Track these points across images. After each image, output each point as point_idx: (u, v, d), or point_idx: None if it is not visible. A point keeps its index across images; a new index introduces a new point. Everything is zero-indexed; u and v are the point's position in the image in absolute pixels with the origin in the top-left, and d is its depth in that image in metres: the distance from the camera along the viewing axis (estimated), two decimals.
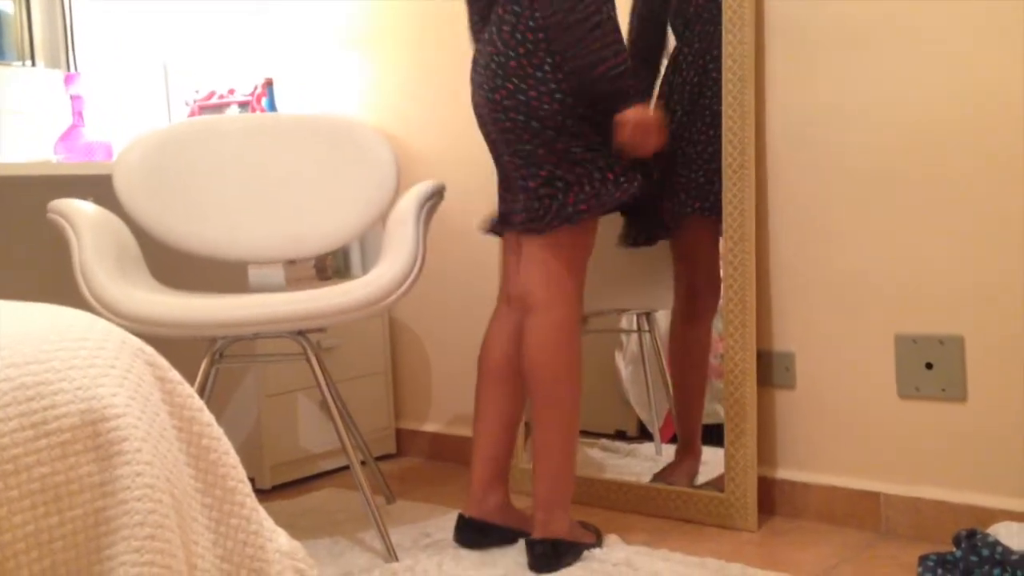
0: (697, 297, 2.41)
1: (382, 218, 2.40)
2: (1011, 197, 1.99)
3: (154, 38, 3.07)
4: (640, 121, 1.98)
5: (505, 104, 1.98)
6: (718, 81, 2.26)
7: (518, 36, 1.96)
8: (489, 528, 2.10)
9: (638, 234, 2.46)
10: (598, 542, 2.08)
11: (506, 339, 2.12)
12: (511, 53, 1.96)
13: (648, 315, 2.66)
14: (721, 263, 2.28)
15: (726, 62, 2.25)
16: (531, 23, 1.95)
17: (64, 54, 2.88)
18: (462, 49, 2.23)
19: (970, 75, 2.02)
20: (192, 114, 3.03)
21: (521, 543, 2.07)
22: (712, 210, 2.29)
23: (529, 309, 2.02)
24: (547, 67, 1.95)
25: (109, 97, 2.95)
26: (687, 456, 2.43)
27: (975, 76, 2.01)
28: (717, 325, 2.41)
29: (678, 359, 2.48)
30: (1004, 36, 1.97)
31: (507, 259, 2.18)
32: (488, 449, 2.11)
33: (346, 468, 2.86)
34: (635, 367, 2.69)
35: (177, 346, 2.45)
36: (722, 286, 2.26)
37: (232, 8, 3.13)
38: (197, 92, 3.05)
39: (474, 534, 2.09)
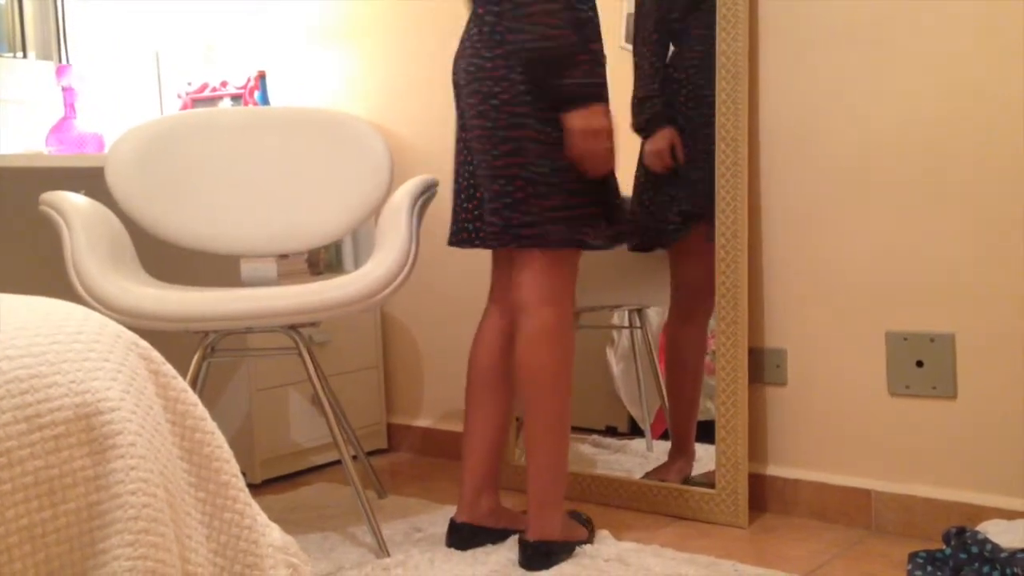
0: (694, 298, 2.40)
1: (375, 212, 2.40)
2: (1003, 196, 1.99)
3: (146, 30, 3.06)
4: (587, 128, 1.88)
5: (481, 109, 1.95)
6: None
7: (496, 37, 1.95)
8: (481, 531, 2.10)
9: (638, 242, 2.47)
10: (590, 537, 2.09)
11: (494, 345, 2.11)
12: (487, 55, 1.95)
13: (640, 311, 2.66)
14: (715, 259, 2.28)
15: (720, 59, 2.25)
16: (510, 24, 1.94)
17: (56, 45, 2.87)
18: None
19: (963, 74, 2.03)
20: (184, 106, 3.02)
21: (512, 539, 2.08)
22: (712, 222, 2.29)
23: (520, 309, 2.01)
24: (520, 70, 1.93)
25: (101, 89, 2.94)
26: (680, 456, 2.43)
27: (968, 75, 2.02)
28: (710, 323, 2.41)
29: (673, 360, 2.47)
30: (996, 35, 1.98)
31: (498, 263, 2.16)
32: (478, 455, 2.10)
33: (337, 463, 2.86)
34: (627, 363, 2.70)
35: (168, 340, 2.45)
36: (716, 283, 2.26)
37: (225, 0, 3.11)
38: (189, 84, 3.04)
39: (465, 538, 2.09)
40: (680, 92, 2.34)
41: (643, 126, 2.39)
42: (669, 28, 2.37)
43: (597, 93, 1.90)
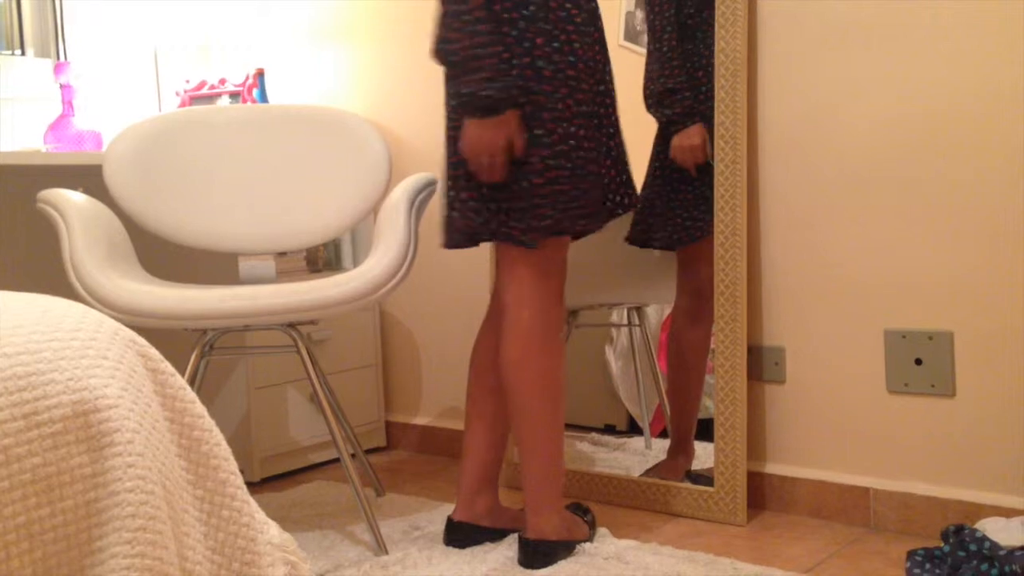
0: (703, 298, 2.40)
1: (374, 210, 2.40)
2: (1001, 194, 1.99)
3: (145, 27, 3.06)
4: (472, 140, 1.86)
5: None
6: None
7: None
8: (478, 530, 2.10)
9: (639, 239, 2.47)
10: (591, 535, 2.08)
11: (493, 344, 2.10)
12: None
13: (638, 309, 2.66)
14: (713, 257, 2.28)
15: (718, 56, 2.25)
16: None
17: (54, 43, 2.87)
18: None
19: (960, 73, 2.02)
20: (183, 104, 3.02)
21: (511, 538, 2.08)
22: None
23: (503, 311, 2.01)
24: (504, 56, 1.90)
25: (99, 86, 2.93)
26: (679, 454, 2.43)
27: (965, 74, 2.02)
28: None
29: (677, 361, 2.47)
30: (996, 34, 1.98)
31: (497, 266, 2.13)
32: (477, 453, 2.10)
33: (336, 461, 2.86)
34: (625, 361, 2.69)
35: (166, 338, 2.44)
36: (714, 281, 2.26)
37: None
38: (188, 82, 3.04)
39: (462, 536, 2.09)
40: (700, 90, 2.33)
41: (675, 119, 2.34)
42: (682, 22, 2.35)
43: (491, 104, 1.82)
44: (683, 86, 2.32)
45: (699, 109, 2.31)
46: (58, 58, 2.86)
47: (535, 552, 1.96)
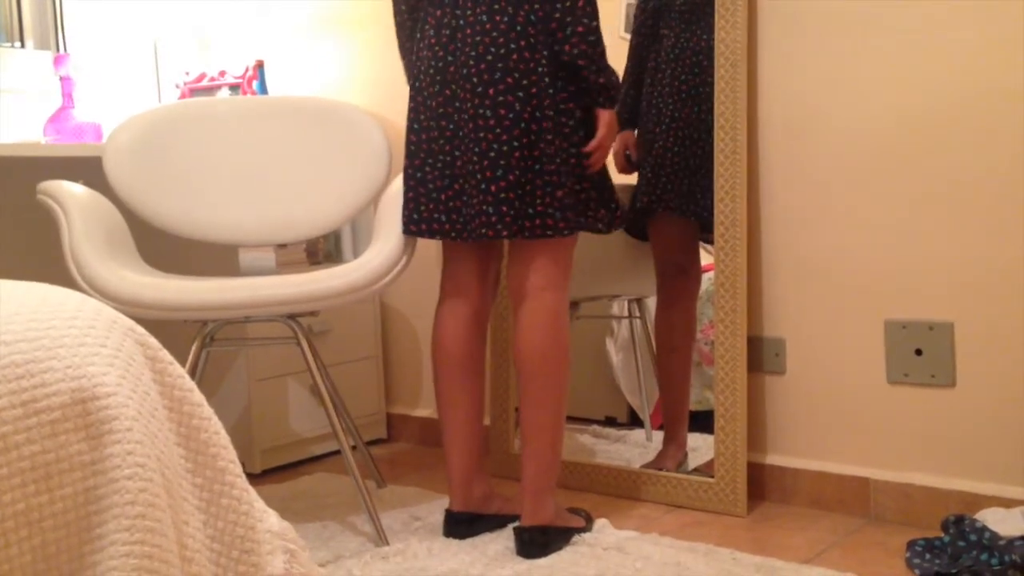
0: (671, 281, 2.42)
1: (374, 202, 2.40)
2: (1002, 185, 1.99)
3: (144, 19, 3.05)
4: (613, 122, 2.01)
5: (501, 100, 1.92)
6: (710, 84, 2.26)
7: (518, 29, 1.92)
8: (477, 518, 2.10)
9: (635, 230, 2.50)
10: (588, 526, 2.09)
11: (462, 332, 2.10)
12: (512, 47, 1.92)
13: (639, 301, 2.66)
14: (713, 248, 2.28)
15: (718, 47, 2.24)
16: (532, 17, 1.92)
17: (54, 35, 2.86)
18: None
19: (962, 62, 2.02)
20: (182, 96, 3.01)
21: (509, 527, 2.08)
22: (687, 211, 2.32)
23: (523, 297, 2.02)
24: (544, 63, 1.94)
25: (99, 78, 2.93)
26: (671, 444, 2.45)
27: (966, 65, 2.01)
28: (707, 312, 2.42)
29: (661, 344, 2.49)
30: (998, 25, 1.97)
31: (455, 255, 2.13)
32: (465, 441, 2.09)
33: (337, 453, 2.86)
34: (626, 353, 2.69)
35: (167, 329, 2.45)
36: (714, 272, 2.26)
37: None
38: (187, 74, 3.03)
39: (463, 527, 2.10)
40: (669, 93, 2.37)
41: (619, 114, 2.44)
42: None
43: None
44: (625, 84, 2.43)
45: (637, 111, 2.42)
46: (58, 50, 2.86)
47: (532, 540, 1.97)
